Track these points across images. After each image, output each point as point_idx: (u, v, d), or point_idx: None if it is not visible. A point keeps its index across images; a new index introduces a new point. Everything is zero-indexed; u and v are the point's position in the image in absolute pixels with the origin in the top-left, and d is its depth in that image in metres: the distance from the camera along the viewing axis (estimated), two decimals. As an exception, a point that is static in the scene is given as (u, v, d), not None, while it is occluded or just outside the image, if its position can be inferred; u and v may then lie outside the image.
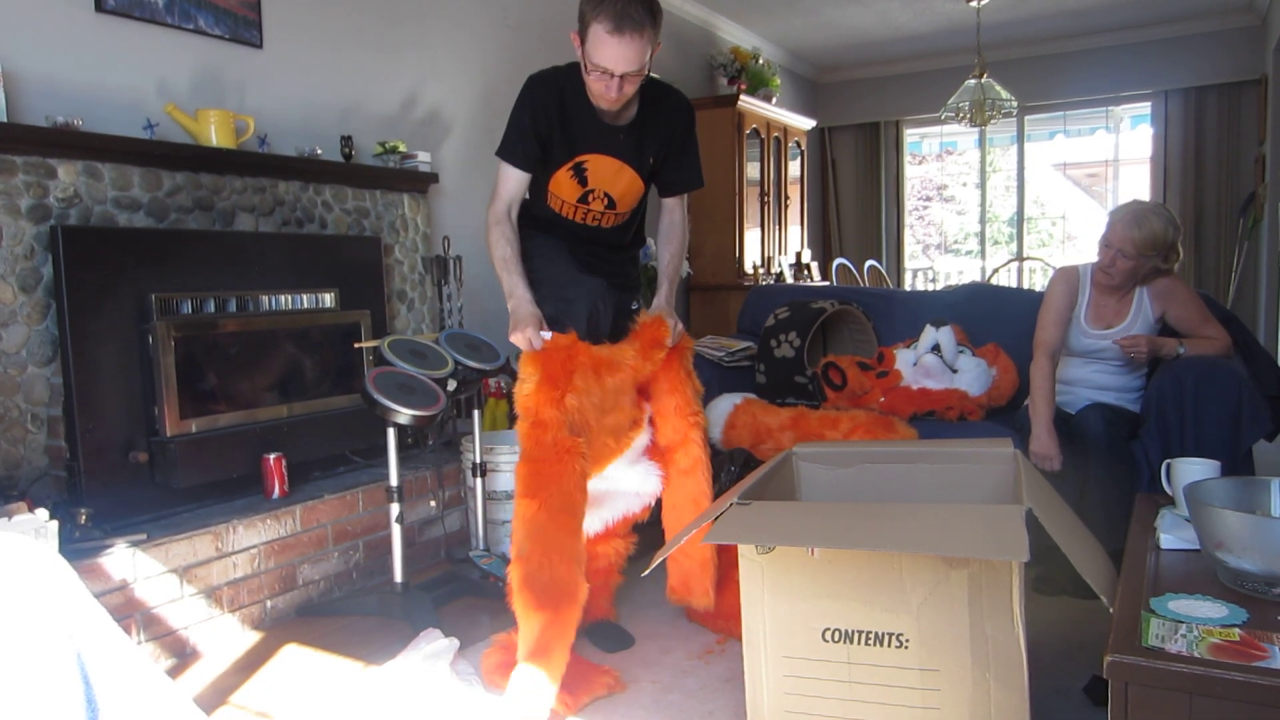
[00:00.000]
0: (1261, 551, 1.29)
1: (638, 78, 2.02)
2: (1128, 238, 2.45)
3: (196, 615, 2.23)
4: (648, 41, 1.96)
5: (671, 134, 2.20)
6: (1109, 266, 2.51)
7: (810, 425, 2.73)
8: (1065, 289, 2.62)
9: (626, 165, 2.17)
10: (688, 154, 2.26)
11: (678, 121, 2.21)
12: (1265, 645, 1.14)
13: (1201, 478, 1.65)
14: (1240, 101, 6.08)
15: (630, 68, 1.97)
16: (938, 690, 1.53)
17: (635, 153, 2.17)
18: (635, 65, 1.97)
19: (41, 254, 2.25)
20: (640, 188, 2.24)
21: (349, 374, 2.89)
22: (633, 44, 1.94)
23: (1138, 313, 2.58)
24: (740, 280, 5.38)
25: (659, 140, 2.19)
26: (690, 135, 2.26)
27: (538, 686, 1.81)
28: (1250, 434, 2.36)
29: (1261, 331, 5.67)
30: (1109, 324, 2.59)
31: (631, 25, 1.92)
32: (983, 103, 5.42)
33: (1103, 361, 2.62)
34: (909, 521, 1.53)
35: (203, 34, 2.74)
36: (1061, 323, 2.59)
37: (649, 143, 2.18)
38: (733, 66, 5.60)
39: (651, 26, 1.96)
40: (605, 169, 2.17)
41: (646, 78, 2.10)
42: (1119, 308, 2.60)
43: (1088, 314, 2.62)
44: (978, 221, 7.64)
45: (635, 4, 1.93)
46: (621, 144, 2.15)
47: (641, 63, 1.98)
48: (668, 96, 2.20)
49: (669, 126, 2.19)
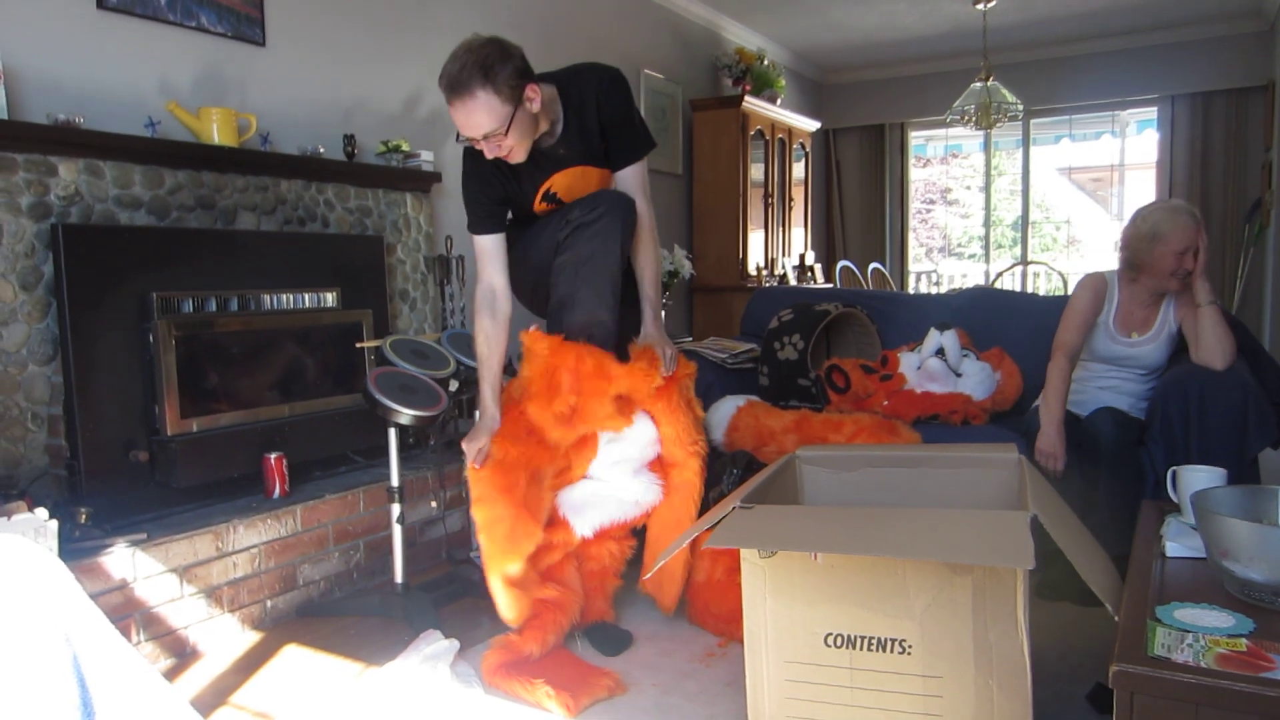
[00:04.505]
0: (1268, 561, 1.28)
1: (508, 138, 1.93)
2: (1196, 230, 2.39)
3: (196, 615, 2.22)
4: (486, 103, 1.88)
5: (600, 115, 2.13)
6: (1177, 270, 2.42)
7: (813, 428, 2.71)
8: (1092, 295, 2.58)
9: (587, 166, 2.18)
10: (628, 123, 2.18)
11: (603, 101, 2.13)
12: (1272, 656, 1.13)
13: (1207, 486, 1.63)
14: (1247, 107, 6.05)
15: (478, 131, 1.91)
16: (940, 697, 1.52)
17: (585, 151, 2.16)
18: (484, 128, 1.91)
19: (42, 252, 2.25)
20: (607, 180, 2.25)
21: (350, 374, 2.88)
22: (467, 108, 1.89)
23: (1163, 323, 2.55)
24: (744, 282, 5.37)
25: (597, 126, 2.14)
26: (621, 105, 2.16)
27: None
28: (1257, 442, 2.34)
29: (1267, 338, 5.65)
30: (1136, 332, 2.57)
31: (461, 90, 1.87)
32: (988, 106, 5.41)
33: (1124, 368, 2.60)
34: (913, 527, 1.52)
35: (205, 31, 2.73)
36: (1084, 327, 2.57)
37: (590, 135, 2.15)
38: (738, 67, 5.59)
39: (485, 85, 1.87)
40: (571, 180, 2.19)
41: (565, 74, 2.08)
42: (1147, 315, 2.57)
43: (1116, 321, 2.59)
44: (982, 225, 7.62)
45: (466, 67, 1.87)
46: (568, 155, 2.14)
47: (492, 126, 1.90)
48: (584, 84, 2.13)
49: (596, 109, 2.13)
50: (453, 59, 1.90)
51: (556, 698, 1.87)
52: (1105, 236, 8.99)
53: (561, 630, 2.10)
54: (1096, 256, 9.01)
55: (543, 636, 2.05)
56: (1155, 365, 2.59)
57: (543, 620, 2.07)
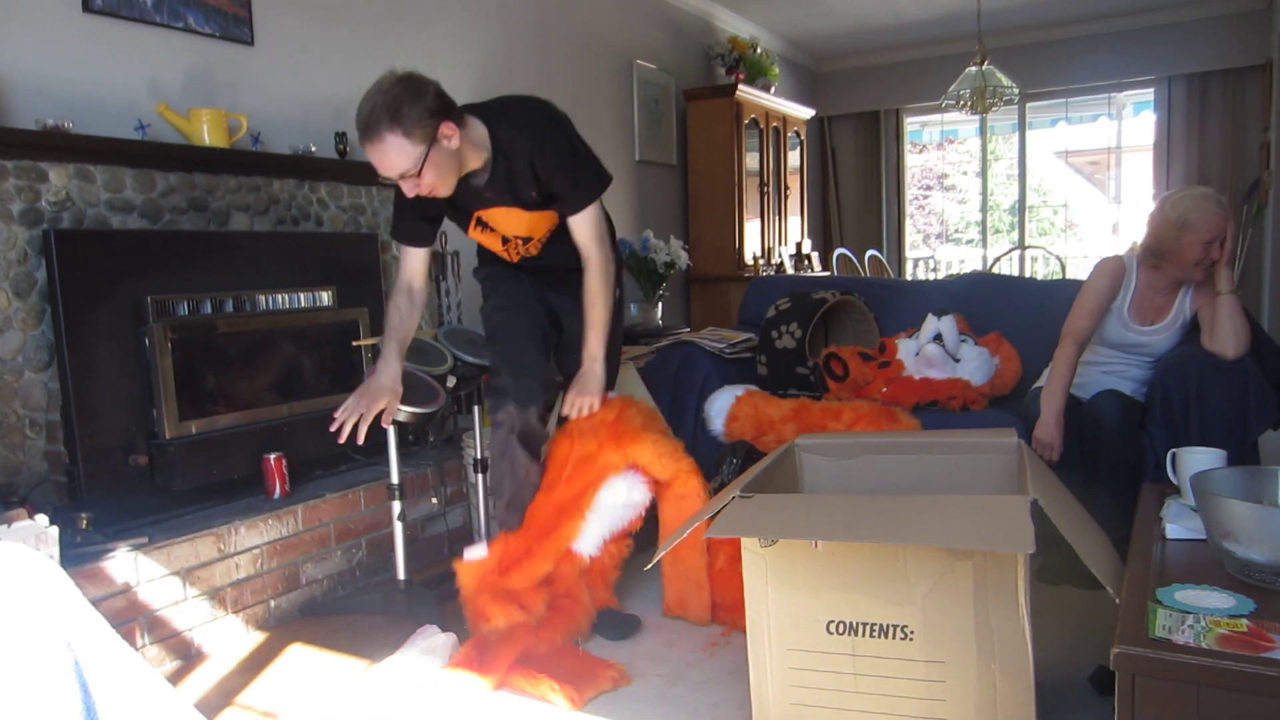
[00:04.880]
0: (1269, 541, 1.28)
1: (424, 177, 1.91)
2: (1225, 219, 2.33)
3: (200, 617, 2.22)
4: (396, 145, 1.85)
5: (531, 164, 2.06)
6: (1203, 260, 2.36)
7: (813, 416, 2.71)
8: (1109, 281, 2.51)
9: (513, 208, 2.14)
10: (558, 176, 2.09)
11: (537, 160, 2.05)
12: (1273, 636, 1.13)
13: (1207, 467, 1.63)
14: (1245, 87, 6.03)
15: (392, 172, 1.89)
16: (943, 682, 1.52)
17: (512, 195, 2.11)
18: (397, 169, 1.88)
19: (35, 258, 2.24)
20: (544, 216, 2.19)
21: (348, 372, 2.88)
22: (378, 150, 1.86)
23: (1178, 313, 2.51)
24: (740, 271, 5.36)
25: (525, 175, 2.07)
26: (557, 161, 2.06)
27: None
28: (1258, 424, 2.33)
29: (1266, 319, 5.64)
30: (1151, 320, 2.53)
31: (369, 134, 1.84)
32: (984, 90, 5.38)
33: (1132, 354, 2.57)
34: (913, 513, 1.52)
35: (193, 32, 2.72)
36: (1099, 313, 2.51)
37: (519, 181, 2.08)
38: (731, 56, 5.57)
39: (394, 128, 1.83)
40: (500, 217, 2.18)
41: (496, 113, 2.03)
42: (1163, 304, 2.52)
43: (1131, 308, 2.54)
44: (979, 210, 7.60)
45: (374, 110, 1.84)
46: (494, 197, 2.11)
47: (404, 166, 1.88)
48: (514, 134, 2.04)
49: (524, 159, 2.05)
50: (364, 99, 1.87)
51: (561, 691, 1.87)
52: (1103, 220, 8.98)
53: (569, 636, 2.12)
54: (1094, 240, 9.00)
55: (550, 636, 2.06)
56: (1164, 353, 2.54)
57: (553, 625, 2.09)
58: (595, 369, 2.24)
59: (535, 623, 2.07)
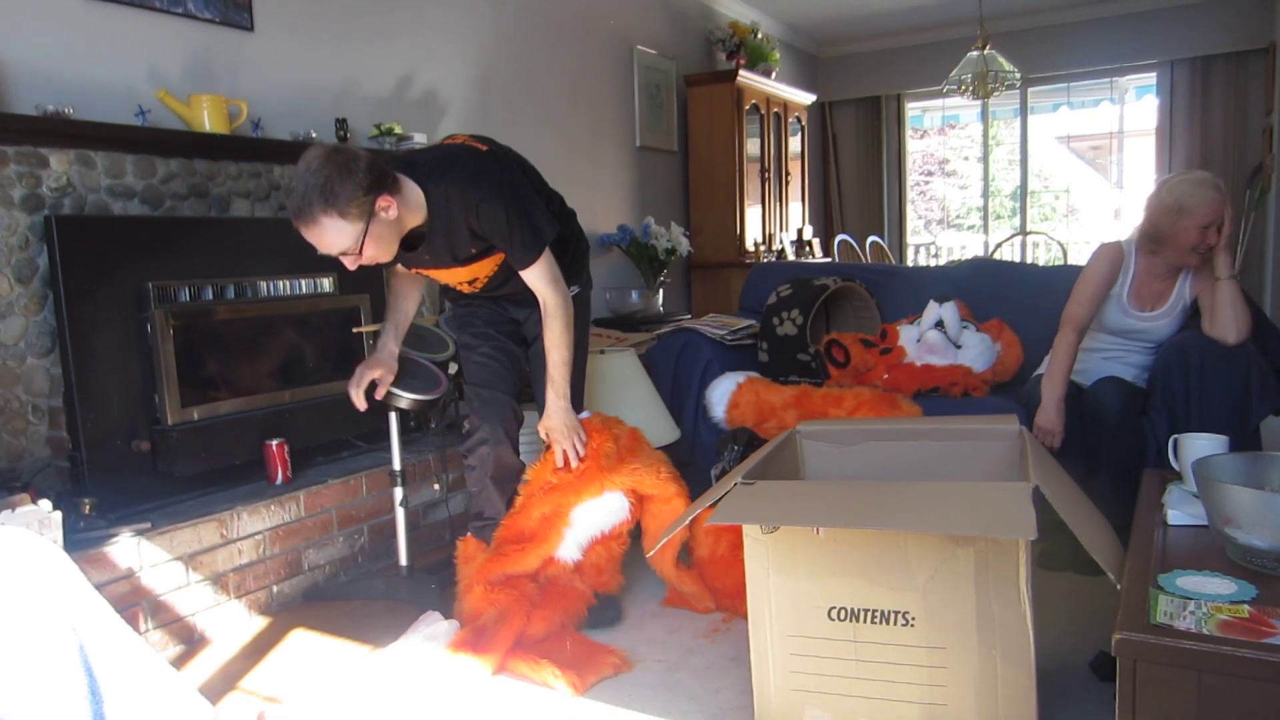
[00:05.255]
0: (1271, 527, 1.28)
1: (364, 252, 1.86)
2: (1222, 204, 2.31)
3: (203, 602, 2.23)
4: (333, 227, 1.79)
5: (471, 227, 2.01)
6: (1199, 245, 2.34)
7: (814, 403, 2.71)
8: (1108, 266, 2.50)
9: (452, 267, 2.12)
10: (510, 236, 2.02)
11: (468, 215, 1.99)
12: (1275, 622, 1.13)
13: (1209, 453, 1.63)
14: (1247, 70, 5.99)
15: (331, 251, 1.85)
16: (944, 668, 1.53)
17: (451, 256, 2.07)
18: (336, 249, 1.84)
19: (36, 244, 2.24)
20: (484, 264, 2.14)
21: (350, 358, 2.87)
22: (315, 234, 1.81)
23: (1178, 298, 2.50)
24: (741, 258, 5.35)
25: (463, 234, 2.02)
26: (488, 223, 2.00)
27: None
28: (1260, 410, 2.33)
29: (1268, 304, 5.63)
30: (1151, 306, 2.52)
31: (304, 218, 1.79)
32: (985, 75, 5.35)
33: (1132, 340, 2.57)
34: (914, 500, 1.52)
35: (192, 18, 2.70)
36: (1097, 299, 2.50)
37: (457, 241, 2.04)
38: (731, 41, 5.54)
39: (329, 210, 1.77)
40: (441, 275, 2.17)
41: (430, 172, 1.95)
42: (1162, 289, 2.51)
43: (1130, 293, 2.53)
44: (980, 196, 7.58)
45: (307, 193, 1.77)
46: (432, 259, 2.08)
47: (344, 245, 1.83)
48: (448, 193, 1.97)
49: (461, 220, 2.00)
50: (296, 180, 1.80)
51: (563, 676, 1.88)
52: (1105, 205, 8.95)
53: (565, 622, 2.13)
54: (1096, 225, 8.97)
55: (547, 617, 2.07)
56: (1164, 339, 2.54)
57: (549, 606, 2.10)
58: (562, 409, 2.17)
59: (528, 604, 2.08)
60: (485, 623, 2.02)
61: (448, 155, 2.05)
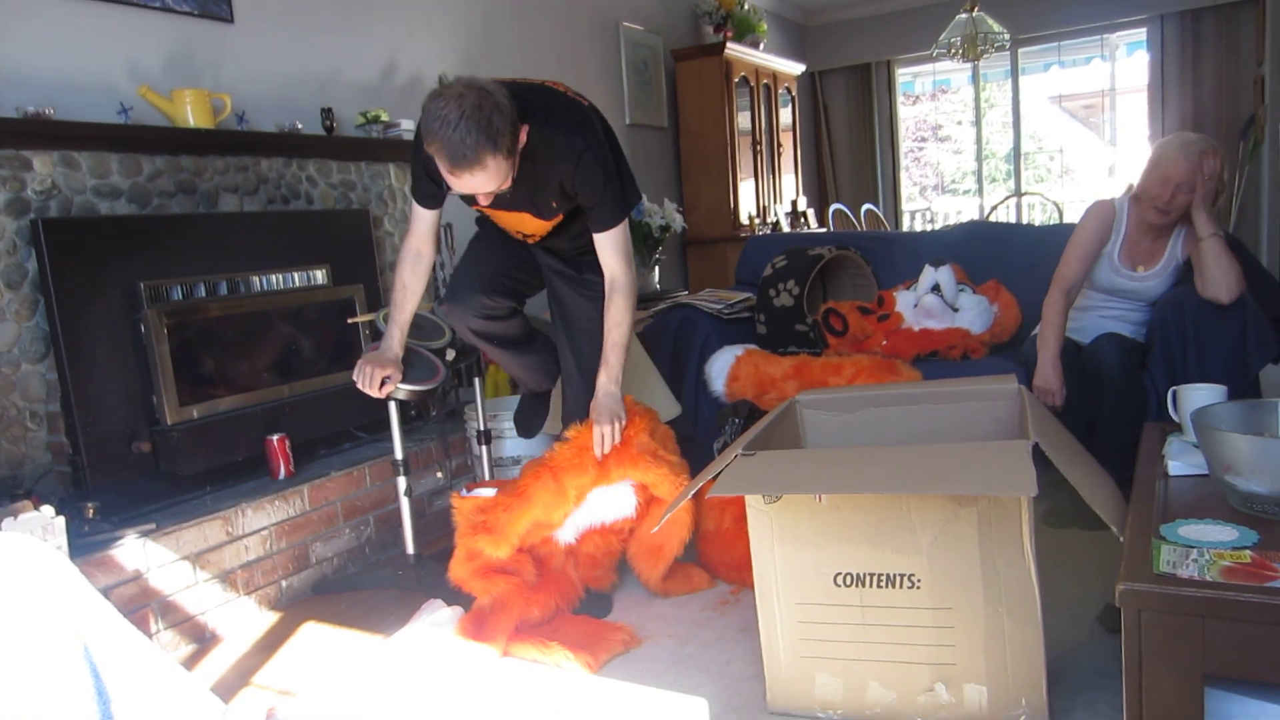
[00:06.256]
0: (1271, 473, 1.28)
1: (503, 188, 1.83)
2: (1194, 169, 2.28)
3: (213, 600, 2.24)
4: (495, 168, 1.74)
5: (562, 181, 1.98)
6: (1167, 204, 2.33)
7: (813, 373, 2.71)
8: (1099, 225, 2.49)
9: (525, 214, 2.07)
10: (602, 199, 2.00)
11: (565, 170, 1.96)
12: (1277, 566, 1.13)
13: (1208, 403, 1.63)
14: (1237, 22, 5.94)
15: (481, 190, 1.81)
16: (951, 628, 1.53)
17: (531, 204, 2.03)
18: (488, 188, 1.80)
19: (24, 249, 2.23)
20: (552, 224, 2.12)
21: (346, 350, 2.87)
22: (477, 178, 1.74)
23: (1170, 258, 2.49)
24: (736, 231, 5.33)
25: (551, 187, 1.99)
26: (593, 186, 1.97)
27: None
28: (1257, 360, 2.33)
29: (1264, 254, 5.60)
30: (1143, 264, 2.50)
31: (467, 164, 1.71)
32: (975, 37, 5.31)
33: (1127, 299, 2.56)
34: (916, 463, 1.52)
35: (170, 11, 2.68)
36: (1087, 259, 2.49)
37: (542, 192, 2.00)
38: (718, 14, 5.49)
39: (495, 153, 1.71)
40: (506, 218, 2.13)
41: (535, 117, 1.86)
42: (1154, 248, 2.49)
43: (1121, 252, 2.51)
44: (974, 160, 7.54)
45: (468, 134, 1.67)
46: (512, 202, 2.01)
47: (499, 183, 1.80)
48: (550, 141, 1.91)
49: (556, 175, 1.97)
50: (446, 124, 1.67)
51: (576, 657, 1.88)
52: (1099, 163, 8.90)
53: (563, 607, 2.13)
54: (1091, 184, 8.93)
55: (545, 601, 2.07)
56: (1158, 298, 2.53)
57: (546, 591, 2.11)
58: (613, 396, 2.10)
59: (526, 587, 2.08)
60: (483, 609, 2.03)
61: (553, 101, 1.98)
